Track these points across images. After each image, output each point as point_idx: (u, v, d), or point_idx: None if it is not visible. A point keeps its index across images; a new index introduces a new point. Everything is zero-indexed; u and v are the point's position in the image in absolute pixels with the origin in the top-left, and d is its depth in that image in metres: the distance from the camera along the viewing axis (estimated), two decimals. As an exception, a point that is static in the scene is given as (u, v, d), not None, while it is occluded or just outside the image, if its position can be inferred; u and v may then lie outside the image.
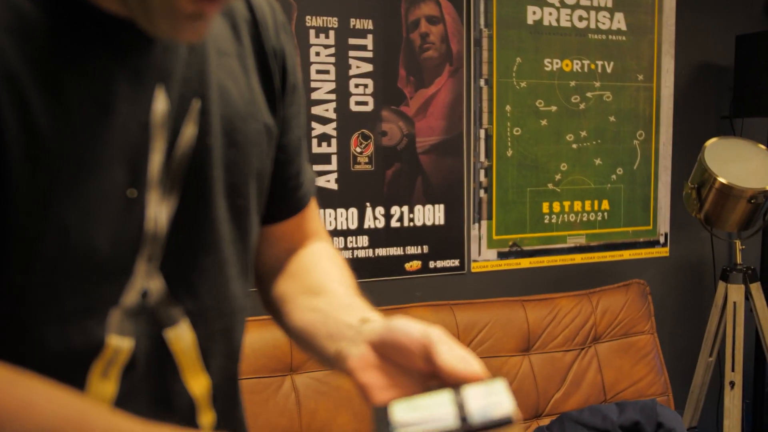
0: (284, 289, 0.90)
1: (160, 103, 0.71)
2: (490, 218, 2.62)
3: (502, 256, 2.64)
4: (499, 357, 2.39)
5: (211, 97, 0.76)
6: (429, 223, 2.52)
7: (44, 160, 0.64)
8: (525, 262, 2.68)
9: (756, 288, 2.68)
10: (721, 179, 2.49)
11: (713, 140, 2.61)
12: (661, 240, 2.90)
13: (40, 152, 0.63)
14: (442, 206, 2.54)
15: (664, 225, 2.90)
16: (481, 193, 2.60)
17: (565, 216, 2.74)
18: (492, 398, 0.70)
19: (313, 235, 0.97)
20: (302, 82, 0.92)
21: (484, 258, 2.61)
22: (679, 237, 2.93)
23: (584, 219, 2.77)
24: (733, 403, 2.64)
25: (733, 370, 2.63)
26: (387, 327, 0.74)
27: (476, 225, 2.59)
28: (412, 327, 0.73)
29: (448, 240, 2.55)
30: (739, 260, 2.72)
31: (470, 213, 2.58)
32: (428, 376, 0.72)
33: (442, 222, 2.54)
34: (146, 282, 0.73)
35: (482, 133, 2.58)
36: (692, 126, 2.90)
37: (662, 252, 2.91)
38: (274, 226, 0.93)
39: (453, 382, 0.70)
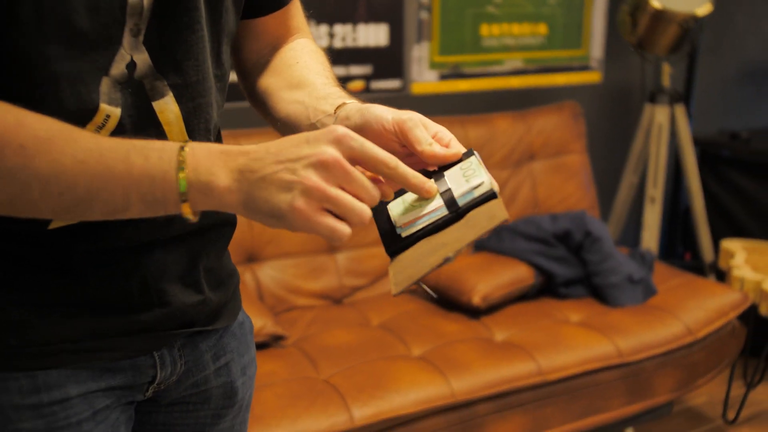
0: (268, 83, 0.93)
1: None
2: (431, 39, 2.63)
3: (443, 77, 2.68)
4: (439, 174, 2.49)
5: None
6: (372, 44, 2.52)
7: None
8: (464, 84, 2.74)
9: (680, 110, 2.82)
10: (655, 3, 2.55)
11: (650, -37, 2.64)
12: (594, 65, 2.98)
13: None
14: (385, 27, 2.54)
15: (597, 50, 2.97)
16: (423, 14, 2.60)
17: (504, 39, 2.78)
18: (472, 179, 0.76)
19: (295, 31, 0.99)
20: None
21: (424, 79, 2.65)
22: (612, 62, 3.02)
23: (522, 43, 2.82)
24: (652, 217, 2.84)
25: (654, 187, 2.81)
26: (361, 115, 0.79)
27: (417, 46, 2.61)
28: (385, 113, 0.78)
29: (390, 61, 2.57)
30: (666, 83, 2.84)
31: (412, 33, 2.59)
32: (405, 155, 0.78)
33: (385, 43, 2.55)
34: (133, 54, 0.76)
35: (424, -49, 2.55)
36: (630, -51, 2.92)
37: (595, 76, 3.00)
38: (257, 21, 0.94)
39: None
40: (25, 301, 0.77)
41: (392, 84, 2.59)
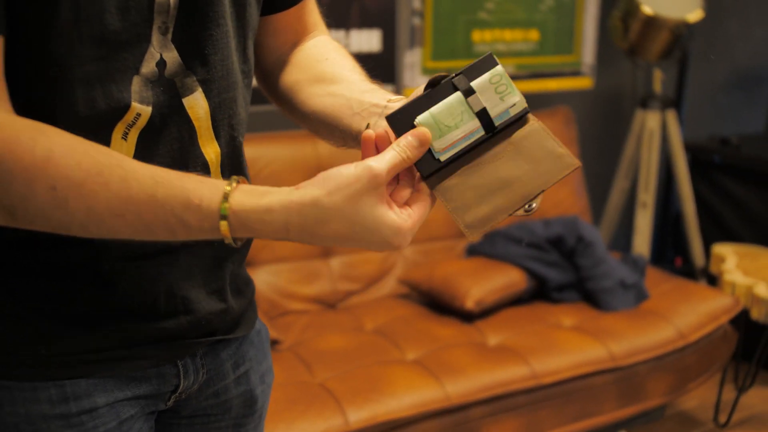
0: (293, 79, 0.92)
1: None
2: (423, 45, 2.65)
3: (436, 82, 2.70)
4: (432, 179, 2.50)
5: None
6: (365, 49, 2.53)
7: None
8: (457, 90, 2.75)
9: (671, 115, 2.84)
10: (647, 9, 2.57)
11: (641, -31, 2.67)
12: (586, 70, 3.00)
13: None
14: (378, 32, 2.55)
15: (589, 56, 2.99)
16: (416, 19, 2.61)
17: (496, 45, 2.80)
18: (506, 98, 0.76)
19: (313, 27, 0.99)
20: None
21: (417, 85, 2.65)
22: (604, 68, 3.04)
23: (514, 48, 2.83)
24: (644, 222, 2.86)
25: (646, 192, 2.83)
26: None
27: (410, 52, 2.62)
28: None
29: (383, 67, 2.58)
30: (657, 89, 2.86)
31: (404, 39, 2.60)
32: None
33: (378, 48, 2.56)
34: (162, 52, 0.77)
35: (417, -42, 2.56)
36: (621, -44, 2.94)
37: (586, 82, 3.01)
38: (275, 17, 0.94)
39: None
40: (54, 312, 0.77)
41: (385, 89, 2.60)
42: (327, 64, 0.91)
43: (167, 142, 0.79)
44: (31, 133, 0.66)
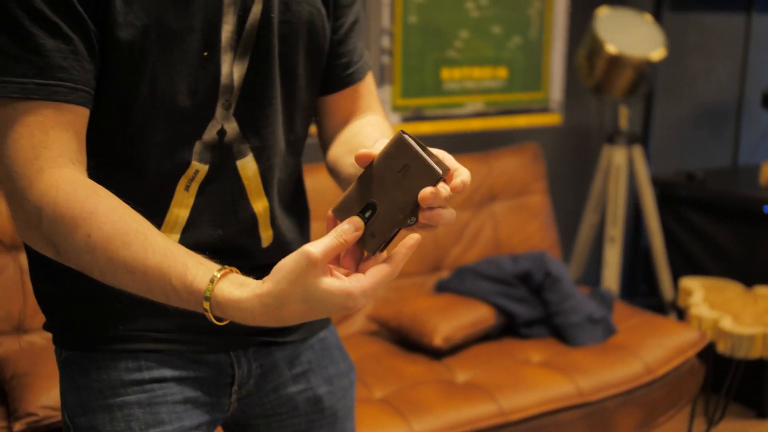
0: (335, 152, 1.06)
1: None
2: (393, 83, 2.68)
3: (405, 120, 2.72)
4: (401, 216, 2.51)
5: None
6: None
7: (140, 29, 0.86)
8: (426, 127, 2.78)
9: (637, 150, 2.88)
10: (610, 48, 2.62)
11: (604, 10, 2.73)
12: (554, 107, 3.05)
13: (137, 23, 0.86)
14: (346, 70, 2.57)
15: (557, 92, 3.04)
16: (385, 58, 2.64)
17: (465, 82, 2.83)
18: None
19: (366, 109, 1.11)
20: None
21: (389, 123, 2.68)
22: (571, 104, 3.09)
23: (482, 86, 2.87)
24: (612, 256, 2.88)
25: (614, 226, 2.86)
26: None
27: (380, 90, 2.65)
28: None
29: (352, 104, 2.60)
30: (624, 125, 2.91)
31: (374, 77, 2.63)
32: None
33: (346, 86, 2.58)
34: (224, 123, 0.95)
35: (385, -2, 2.60)
36: (586, -4, 3.00)
37: (555, 118, 3.06)
38: (329, 98, 1.09)
39: None
40: (129, 298, 0.88)
41: (355, 127, 2.62)
42: (359, 137, 1.04)
43: (222, 195, 0.98)
44: (86, 191, 0.83)
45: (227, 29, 0.92)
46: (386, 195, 0.78)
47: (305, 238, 1.11)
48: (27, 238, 0.87)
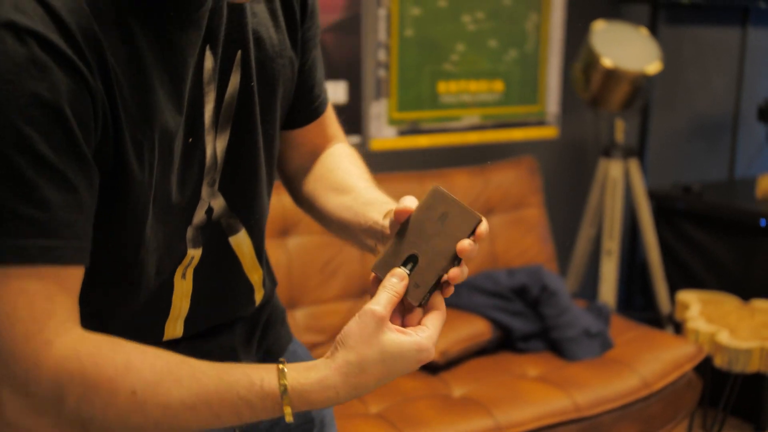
0: (312, 187, 1.05)
1: (208, 62, 0.84)
2: (389, 96, 2.68)
3: (401, 133, 2.72)
4: (398, 229, 2.51)
5: (249, 46, 0.89)
6: (331, 100, 2.55)
7: (149, 145, 0.77)
8: (422, 140, 2.78)
9: (634, 164, 2.88)
10: (606, 61, 2.63)
11: (600, 23, 2.73)
12: (551, 120, 3.05)
13: (146, 142, 0.76)
14: (344, 84, 2.58)
15: (553, 106, 3.04)
16: (381, 71, 2.65)
17: (461, 96, 2.84)
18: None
19: (332, 139, 1.10)
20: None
21: (383, 135, 2.68)
22: (568, 118, 3.09)
23: (479, 99, 2.88)
24: (609, 270, 2.88)
25: (610, 240, 2.86)
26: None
27: (376, 103, 2.65)
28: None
29: (349, 118, 2.61)
30: (620, 138, 2.91)
31: (370, 91, 2.63)
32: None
33: (344, 100, 2.58)
34: (210, 201, 0.90)
35: (382, 12, 2.61)
36: (583, 10, 3.01)
37: (551, 131, 3.06)
38: (296, 132, 1.06)
39: None
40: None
41: (351, 140, 2.60)
42: (338, 173, 1.03)
43: (218, 275, 0.94)
44: (108, 345, 0.73)
45: (209, 109, 0.86)
46: (426, 245, 0.80)
47: (273, 281, 1.09)
48: (33, 430, 0.71)
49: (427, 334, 0.77)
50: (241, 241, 0.95)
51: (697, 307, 2.64)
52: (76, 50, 0.69)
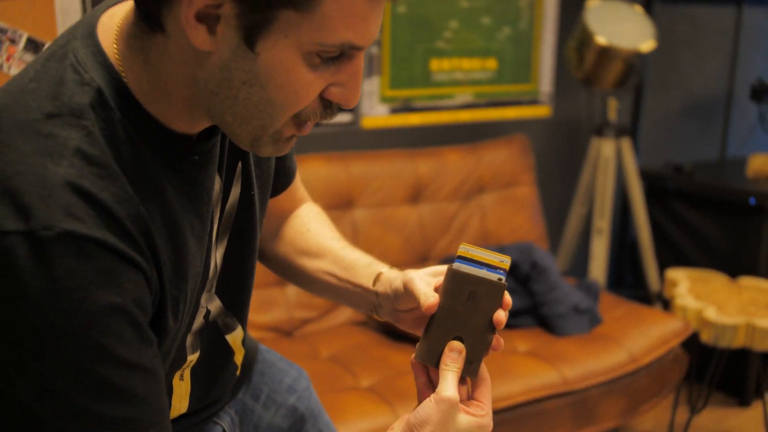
0: (283, 251, 1.07)
1: (217, 185, 0.85)
2: (381, 74, 2.68)
3: (394, 111, 2.74)
4: (389, 207, 2.53)
5: (249, 156, 0.91)
6: (323, 77, 2.56)
7: (179, 295, 0.78)
8: (415, 118, 2.79)
9: (626, 143, 2.90)
10: (600, 39, 2.63)
11: (594, 1, 2.74)
12: (543, 99, 3.06)
13: (180, 273, 0.77)
14: (336, 61, 2.58)
15: (546, 84, 3.05)
16: (374, 49, 2.65)
17: (454, 74, 2.84)
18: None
19: (299, 201, 1.12)
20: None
21: (375, 113, 2.69)
22: (561, 96, 3.10)
23: (472, 77, 2.88)
24: (599, 248, 2.90)
25: (601, 218, 2.88)
26: (403, 284, 0.91)
27: (368, 80, 2.66)
28: (412, 277, 0.90)
29: (341, 95, 2.61)
30: (613, 117, 2.93)
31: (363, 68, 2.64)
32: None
33: (336, 77, 2.59)
34: (208, 305, 0.91)
35: (375, -11, 2.60)
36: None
37: (544, 110, 3.07)
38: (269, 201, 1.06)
39: None
40: None
41: (343, 118, 2.63)
42: (309, 236, 1.06)
43: (213, 367, 0.96)
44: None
45: (215, 226, 0.87)
46: (466, 325, 0.84)
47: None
48: None
49: (485, 411, 0.84)
50: (236, 337, 0.98)
51: (686, 285, 2.67)
52: (133, 245, 0.69)
